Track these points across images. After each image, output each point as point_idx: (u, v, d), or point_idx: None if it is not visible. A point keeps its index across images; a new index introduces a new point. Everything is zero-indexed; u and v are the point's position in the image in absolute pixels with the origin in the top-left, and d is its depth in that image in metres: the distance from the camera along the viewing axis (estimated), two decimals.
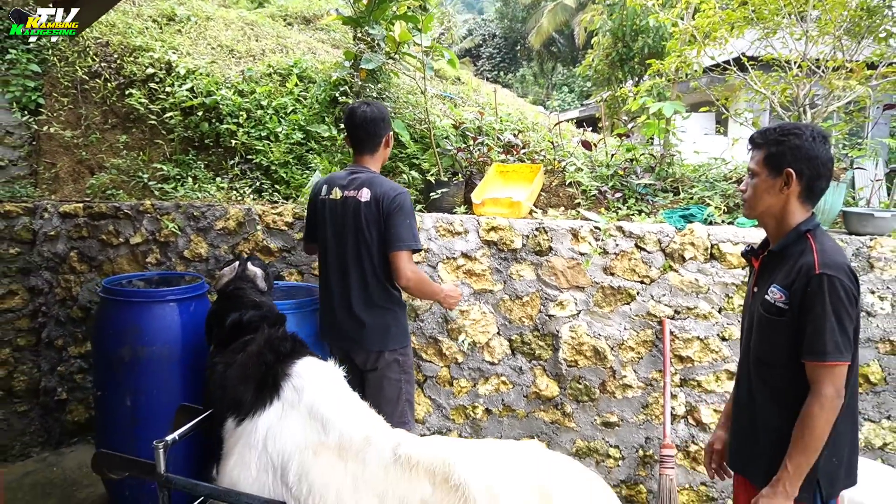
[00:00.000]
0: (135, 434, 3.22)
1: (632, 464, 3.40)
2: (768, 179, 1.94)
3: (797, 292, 1.83)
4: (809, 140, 1.88)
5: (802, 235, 1.92)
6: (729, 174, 4.01)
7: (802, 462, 1.80)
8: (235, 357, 1.92)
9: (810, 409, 1.79)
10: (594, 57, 11.09)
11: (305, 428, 1.76)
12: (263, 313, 2.10)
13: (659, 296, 3.32)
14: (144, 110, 4.61)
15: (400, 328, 2.81)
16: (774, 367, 1.93)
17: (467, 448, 1.64)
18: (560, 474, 1.53)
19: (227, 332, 2.03)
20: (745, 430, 2.05)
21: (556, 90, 27.30)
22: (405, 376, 2.83)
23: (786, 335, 1.86)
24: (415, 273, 2.67)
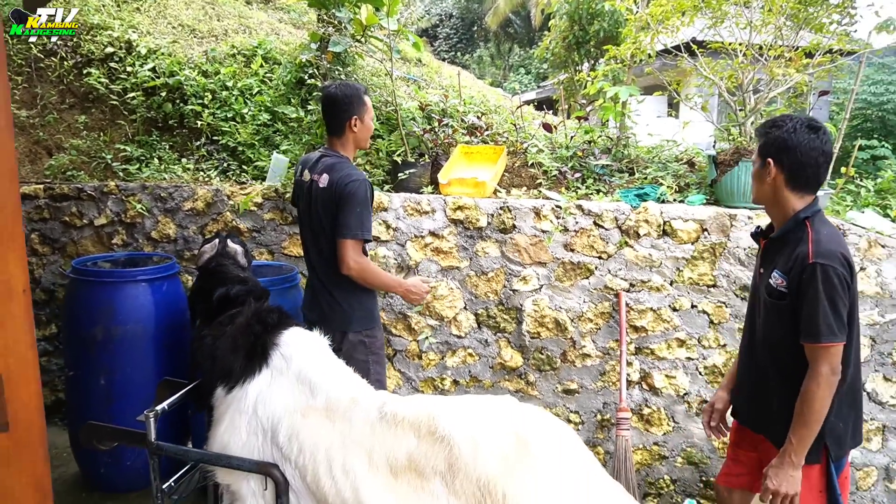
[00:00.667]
0: (110, 412, 3.26)
1: (591, 427, 3.63)
2: (758, 169, 2.12)
3: (794, 279, 2.01)
4: (790, 131, 2.02)
5: (801, 222, 2.06)
6: (680, 155, 4.24)
7: (805, 434, 1.99)
8: (224, 329, 2.02)
9: (808, 386, 1.98)
10: (551, 40, 11.26)
11: (294, 392, 1.88)
12: (249, 287, 2.20)
13: (615, 270, 3.53)
14: (104, 90, 4.56)
15: (364, 311, 2.77)
16: (781, 346, 2.11)
17: (449, 403, 1.79)
18: (534, 422, 1.70)
19: (214, 306, 2.12)
20: (758, 397, 2.24)
21: (514, 72, 27.45)
22: (373, 357, 2.80)
23: (788, 317, 2.04)
24: (357, 263, 2.61)
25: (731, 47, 3.80)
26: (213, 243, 2.50)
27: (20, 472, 0.92)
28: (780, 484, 2.03)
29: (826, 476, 2.11)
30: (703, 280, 3.47)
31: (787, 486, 2.02)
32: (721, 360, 3.48)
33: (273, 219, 3.86)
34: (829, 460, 2.10)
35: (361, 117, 2.75)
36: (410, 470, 1.63)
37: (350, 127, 2.74)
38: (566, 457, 1.65)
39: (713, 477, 3.51)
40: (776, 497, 2.05)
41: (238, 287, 2.16)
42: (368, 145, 2.88)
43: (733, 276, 3.44)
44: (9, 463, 0.91)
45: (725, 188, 3.51)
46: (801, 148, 2.02)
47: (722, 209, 3.48)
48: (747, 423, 2.38)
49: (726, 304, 3.46)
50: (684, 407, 3.54)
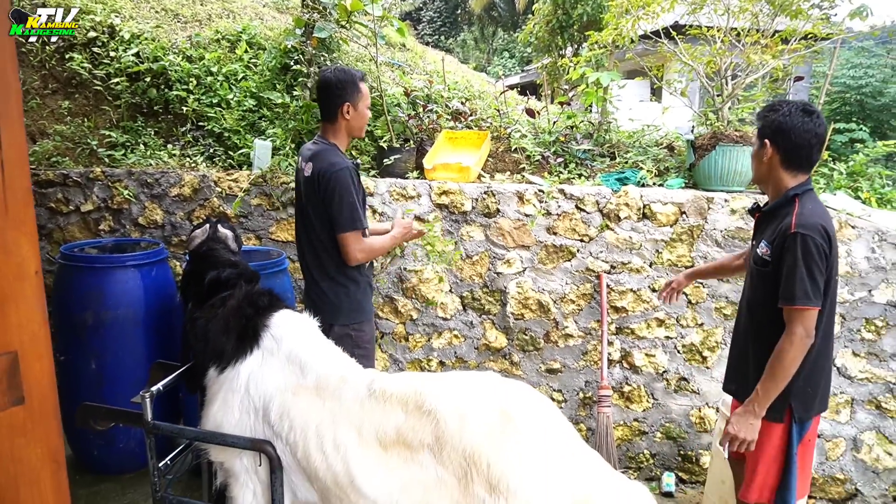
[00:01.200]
0: (101, 396, 3.30)
1: (573, 405, 3.75)
2: (757, 150, 2.28)
3: (777, 248, 2.16)
4: (785, 114, 2.19)
5: (791, 199, 2.21)
6: (660, 140, 4.33)
7: (771, 388, 2.14)
8: (216, 311, 2.08)
9: (782, 345, 2.12)
10: (535, 24, 11.29)
11: (285, 372, 1.95)
12: (240, 271, 2.25)
13: (597, 252, 3.62)
14: (88, 75, 4.53)
15: (352, 304, 2.72)
16: (760, 311, 2.27)
17: (435, 379, 1.87)
18: (517, 396, 1.79)
19: (206, 289, 2.18)
20: (741, 359, 2.40)
21: (497, 55, 27.37)
22: (359, 350, 2.71)
23: (771, 283, 2.19)
24: (362, 251, 2.60)
25: (709, 33, 3.88)
26: (204, 228, 2.54)
27: (36, 443, 0.98)
28: (739, 429, 2.19)
29: (787, 437, 2.25)
30: (681, 261, 3.57)
31: (745, 431, 2.18)
32: (698, 338, 3.60)
33: (260, 204, 3.90)
34: (792, 421, 2.23)
35: (355, 104, 2.66)
36: (399, 443, 1.71)
37: (342, 114, 2.65)
38: (548, 428, 1.74)
39: (691, 451, 3.66)
40: (734, 441, 2.20)
41: (229, 270, 2.21)
42: (363, 134, 2.80)
43: (710, 258, 3.54)
44: (25, 434, 0.97)
45: (703, 172, 3.61)
46: (796, 130, 2.17)
47: (700, 192, 3.58)
48: (734, 392, 2.51)
49: (703, 285, 3.58)
50: (663, 384, 3.66)
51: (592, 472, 1.73)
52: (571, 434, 1.80)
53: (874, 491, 3.54)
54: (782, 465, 2.26)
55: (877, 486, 3.54)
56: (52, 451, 1.00)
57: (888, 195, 4.05)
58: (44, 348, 0.98)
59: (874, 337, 3.45)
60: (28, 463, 0.96)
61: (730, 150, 3.49)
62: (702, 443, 3.65)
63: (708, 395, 3.62)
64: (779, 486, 2.27)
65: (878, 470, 3.52)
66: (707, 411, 3.62)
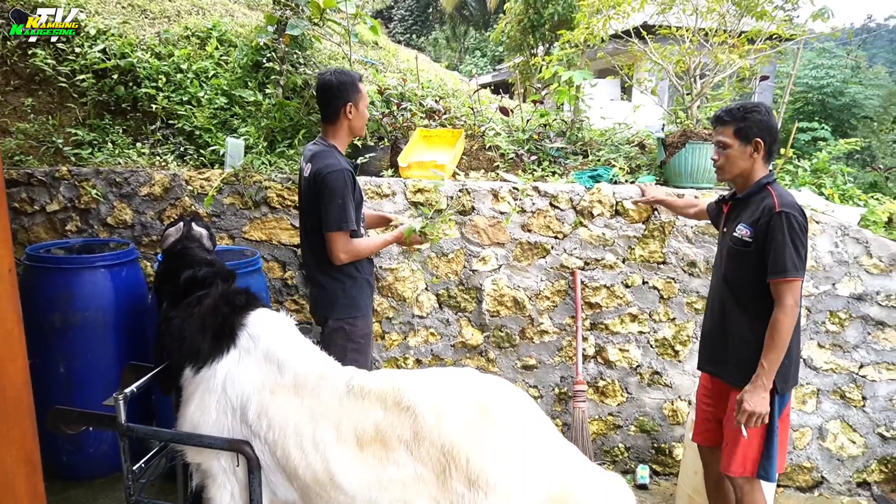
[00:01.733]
0: (71, 400, 3.24)
1: (549, 401, 3.78)
2: (740, 148, 2.45)
3: (762, 227, 2.34)
4: (766, 115, 2.42)
5: (763, 187, 2.44)
6: (632, 138, 4.40)
7: (774, 359, 2.31)
8: (192, 310, 2.05)
9: (777, 316, 2.30)
10: (506, 23, 11.35)
11: (262, 371, 1.93)
12: (216, 270, 2.22)
13: (571, 249, 3.67)
14: (52, 72, 4.42)
15: (347, 299, 2.77)
16: (743, 287, 2.45)
17: (413, 375, 1.87)
18: (494, 391, 1.80)
19: (181, 287, 2.15)
20: (719, 338, 2.58)
21: (469, 54, 27.42)
22: (352, 344, 2.79)
23: (752, 262, 2.38)
24: (347, 252, 2.65)
25: (678, 33, 3.95)
26: (178, 226, 2.50)
27: (10, 445, 0.96)
28: (754, 405, 2.33)
29: (772, 402, 2.39)
30: (653, 257, 3.64)
31: (759, 405, 2.32)
32: (671, 333, 3.67)
33: (233, 203, 3.85)
34: (774, 393, 2.39)
35: (356, 104, 2.74)
36: (378, 440, 1.71)
37: (345, 114, 2.73)
38: (525, 423, 1.76)
39: (664, 443, 3.72)
40: (750, 417, 2.33)
41: (205, 269, 2.19)
42: (364, 133, 2.89)
43: (681, 253, 3.61)
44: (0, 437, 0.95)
45: (674, 169, 3.68)
46: (775, 128, 2.46)
47: (671, 189, 3.65)
48: (712, 369, 2.66)
49: (675, 280, 3.64)
50: (637, 378, 3.72)
51: (570, 465, 1.76)
52: (549, 428, 1.83)
53: (839, 478, 3.65)
54: (764, 436, 2.42)
55: (841, 473, 3.65)
56: (26, 453, 0.98)
57: (850, 191, 4.17)
58: (18, 348, 0.96)
59: (838, 329, 3.56)
60: (2, 465, 0.94)
61: (699, 147, 3.56)
62: (675, 435, 3.72)
63: (680, 388, 3.69)
64: (761, 457, 2.43)
65: (842, 458, 3.64)
66: (679, 404, 3.70)
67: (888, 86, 23.33)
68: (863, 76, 20.80)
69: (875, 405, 3.60)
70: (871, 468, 3.63)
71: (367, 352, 2.91)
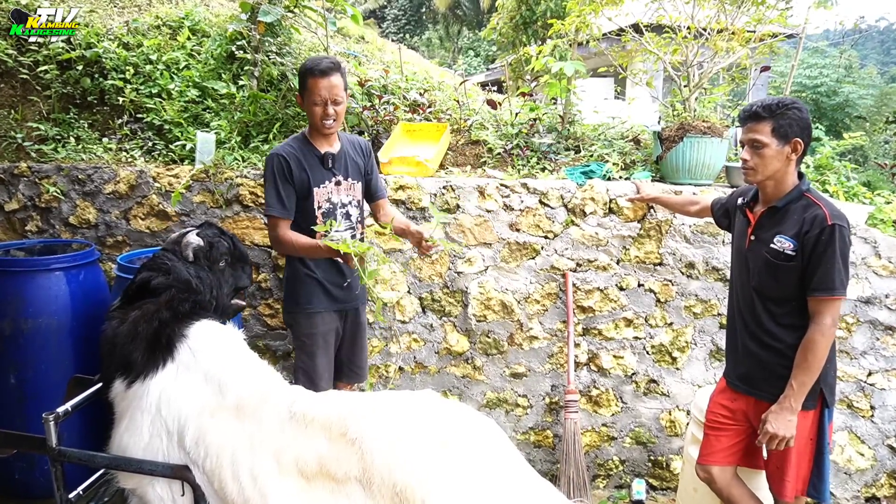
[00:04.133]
0: (24, 413, 3.01)
1: (539, 411, 3.56)
2: (777, 148, 2.20)
3: (810, 241, 2.13)
4: (805, 112, 2.19)
5: (802, 194, 2.24)
6: (626, 133, 4.18)
7: (805, 381, 2.14)
8: (128, 315, 1.82)
9: (813, 336, 2.13)
10: (498, 20, 11.14)
11: (202, 390, 1.70)
12: (170, 281, 1.94)
13: (562, 249, 3.45)
14: (13, 63, 4.17)
15: (288, 291, 2.81)
16: (782, 302, 2.25)
17: (363, 402, 1.64)
18: (455, 422, 1.57)
19: (132, 293, 1.91)
20: (753, 354, 2.34)
21: (462, 54, 27.25)
22: (296, 342, 2.82)
23: (793, 276, 2.19)
24: (271, 240, 2.73)
25: (675, 21, 3.74)
26: (181, 232, 2.27)
27: None
28: (778, 427, 2.16)
29: (818, 422, 2.25)
30: (649, 258, 3.42)
31: (784, 429, 2.15)
32: (668, 338, 3.46)
33: (203, 201, 3.62)
34: (823, 406, 2.23)
35: (303, 96, 2.74)
36: (322, 474, 1.49)
37: (302, 105, 2.79)
38: (490, 458, 1.53)
39: (661, 456, 3.51)
40: (773, 440, 2.17)
41: (160, 278, 1.93)
42: (320, 128, 2.73)
43: (679, 254, 3.40)
44: None
45: (671, 164, 3.47)
46: (811, 127, 2.25)
47: (667, 186, 3.43)
48: (738, 384, 2.43)
49: (672, 282, 3.43)
50: (632, 387, 3.50)
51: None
52: (519, 464, 1.59)
53: (846, 493, 3.45)
54: (814, 452, 2.25)
55: (849, 487, 3.44)
56: None
57: (855, 189, 3.98)
58: None
59: (845, 334, 3.35)
60: None
61: (698, 141, 3.35)
62: (672, 447, 3.50)
63: (678, 397, 3.48)
64: (812, 476, 2.26)
65: (850, 471, 3.43)
66: (678, 414, 3.48)
67: (880, 86, 23.32)
68: (855, 76, 20.75)
69: (884, 415, 3.39)
70: (881, 482, 3.43)
71: (316, 354, 2.79)
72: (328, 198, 2.82)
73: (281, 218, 2.66)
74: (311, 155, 2.76)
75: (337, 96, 2.67)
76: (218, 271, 2.17)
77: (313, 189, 2.76)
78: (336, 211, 2.85)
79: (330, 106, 2.66)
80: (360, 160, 2.91)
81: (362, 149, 2.96)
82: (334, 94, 2.65)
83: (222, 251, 2.20)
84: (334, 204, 2.85)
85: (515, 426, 3.58)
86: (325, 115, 2.68)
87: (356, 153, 2.91)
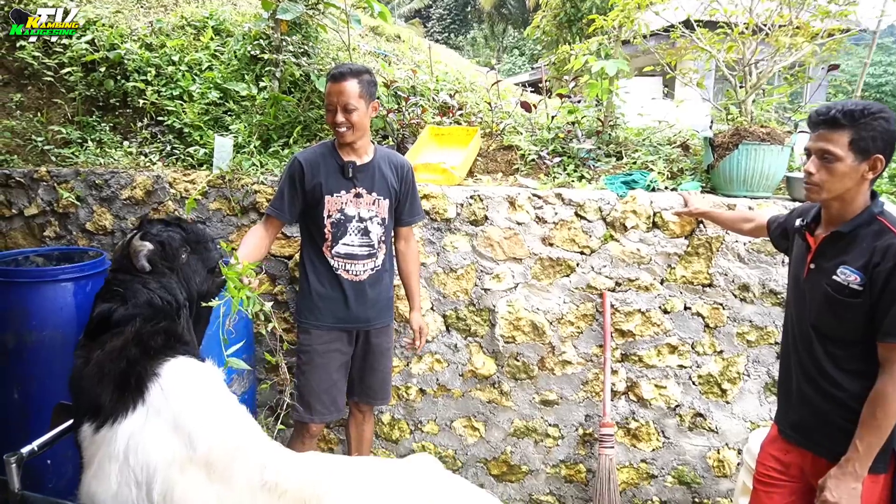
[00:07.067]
0: (28, 429, 2.88)
1: (571, 443, 3.26)
2: (853, 164, 1.83)
3: (881, 275, 1.78)
4: (893, 123, 1.81)
5: (874, 217, 1.86)
6: (673, 137, 3.84)
7: (874, 442, 1.78)
8: (94, 352, 1.62)
9: (883, 388, 1.77)
10: (542, 17, 10.82)
11: (171, 440, 1.49)
12: (131, 311, 1.73)
13: (599, 267, 3.14)
14: (39, 65, 4.11)
15: (300, 301, 2.76)
16: (846, 345, 1.90)
17: (345, 472, 1.40)
18: (449, 501, 1.31)
19: (93, 326, 1.72)
20: (809, 401, 1.99)
21: (507, 53, 26.92)
22: (303, 356, 2.72)
23: (859, 315, 1.83)
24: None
25: (731, 14, 3.38)
26: (125, 239, 2.06)
27: None
28: (840, 496, 1.80)
29: (890, 489, 1.87)
30: (697, 279, 3.08)
31: (847, 499, 1.80)
32: (717, 368, 3.11)
33: (219, 209, 3.46)
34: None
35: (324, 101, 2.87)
36: None
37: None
38: None
39: (707, 498, 3.16)
40: None
41: (120, 310, 1.72)
42: (335, 133, 2.62)
43: (732, 275, 3.05)
44: None
45: (724, 174, 3.12)
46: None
47: (719, 198, 3.09)
48: (792, 434, 2.06)
49: (723, 306, 3.08)
50: (675, 420, 3.17)
51: None
52: None
53: None
54: None
55: None
56: None
57: None
58: None
59: None
60: None
61: (755, 149, 2.99)
62: (720, 489, 3.15)
63: (728, 434, 3.13)
64: None
65: None
66: (727, 453, 3.13)
67: None
68: None
69: None
70: None
71: (308, 372, 2.68)
72: (341, 208, 2.64)
73: (268, 215, 2.67)
74: (332, 162, 2.65)
75: (347, 103, 2.51)
76: (181, 266, 1.94)
77: (324, 196, 2.63)
78: (349, 224, 2.64)
79: (340, 113, 2.53)
80: (393, 178, 2.73)
81: (399, 168, 2.77)
82: (344, 101, 2.51)
83: (177, 245, 1.96)
84: (348, 216, 2.65)
85: (545, 458, 3.29)
86: (336, 122, 2.55)
87: (390, 170, 2.73)
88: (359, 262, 2.68)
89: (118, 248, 2.12)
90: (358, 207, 2.66)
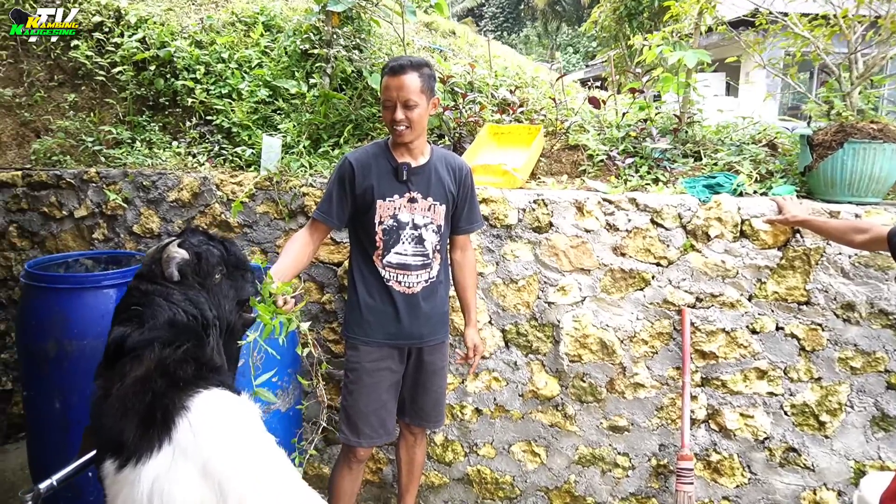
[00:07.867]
0: (68, 441, 2.79)
1: (643, 474, 2.95)
2: None
3: None
4: None
5: None
6: (757, 135, 3.47)
7: None
8: (115, 382, 1.43)
9: None
10: (601, 12, 10.41)
11: (200, 486, 1.29)
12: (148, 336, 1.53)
13: (678, 280, 2.82)
14: (91, 65, 4.06)
15: (348, 313, 2.55)
16: None
17: None
18: None
19: (112, 352, 1.54)
20: None
21: (561, 51, 26.39)
22: (351, 374, 2.51)
23: None
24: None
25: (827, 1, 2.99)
26: (159, 246, 1.89)
27: None
28: None
29: None
30: (792, 295, 2.72)
31: None
32: (814, 397, 2.74)
33: (266, 212, 3.29)
34: None
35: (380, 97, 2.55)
36: None
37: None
38: None
39: None
40: None
41: (135, 335, 1.53)
42: (391, 131, 2.40)
43: (833, 291, 2.68)
44: None
45: (824, 177, 2.74)
46: None
47: (819, 204, 2.72)
48: None
49: (822, 327, 2.71)
50: (764, 454, 2.81)
51: None
52: None
53: None
54: None
55: None
56: None
57: None
58: None
59: None
60: None
61: (864, 148, 2.61)
62: None
63: (827, 473, 2.75)
64: None
65: None
66: (825, 494, 2.75)
67: None
68: None
69: None
70: None
71: (356, 392, 2.46)
72: (394, 214, 2.41)
73: (314, 220, 2.47)
74: (385, 164, 2.43)
75: (409, 99, 2.27)
76: (213, 286, 1.74)
77: (376, 201, 2.40)
78: (402, 231, 2.41)
79: (399, 110, 2.29)
80: (451, 181, 2.48)
81: (457, 170, 2.52)
82: (404, 96, 2.27)
83: (214, 261, 1.77)
84: (401, 223, 2.42)
85: (613, 490, 2.99)
86: (394, 120, 2.31)
87: (447, 172, 2.48)
88: (412, 272, 2.45)
89: (151, 252, 1.94)
90: (412, 213, 2.43)
